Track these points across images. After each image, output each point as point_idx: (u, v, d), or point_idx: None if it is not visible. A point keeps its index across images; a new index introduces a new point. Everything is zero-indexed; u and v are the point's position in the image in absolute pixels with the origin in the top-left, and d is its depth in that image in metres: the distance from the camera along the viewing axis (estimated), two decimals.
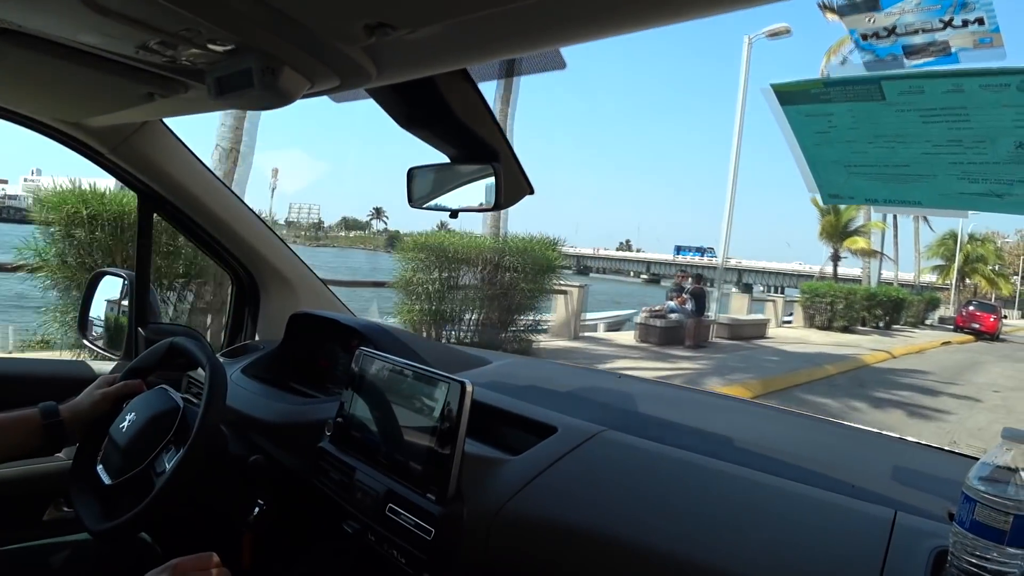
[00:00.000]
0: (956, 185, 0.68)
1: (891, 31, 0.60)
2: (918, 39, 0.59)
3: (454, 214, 1.35)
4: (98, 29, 0.85)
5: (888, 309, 23.55)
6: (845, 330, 19.94)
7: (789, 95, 0.74)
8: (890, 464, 1.18)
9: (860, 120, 0.70)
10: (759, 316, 17.34)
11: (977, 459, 0.72)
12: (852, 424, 1.49)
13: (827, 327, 19.76)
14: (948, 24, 0.57)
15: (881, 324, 23.26)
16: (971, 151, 0.65)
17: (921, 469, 1.18)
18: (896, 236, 37.48)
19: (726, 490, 0.99)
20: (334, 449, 1.22)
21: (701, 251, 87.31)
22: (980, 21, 0.55)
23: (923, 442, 1.35)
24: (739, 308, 17.49)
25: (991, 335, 25.92)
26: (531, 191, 1.31)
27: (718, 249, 16.87)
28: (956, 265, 42.13)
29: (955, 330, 26.62)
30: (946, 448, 1.31)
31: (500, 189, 1.23)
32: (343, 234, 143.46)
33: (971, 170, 0.66)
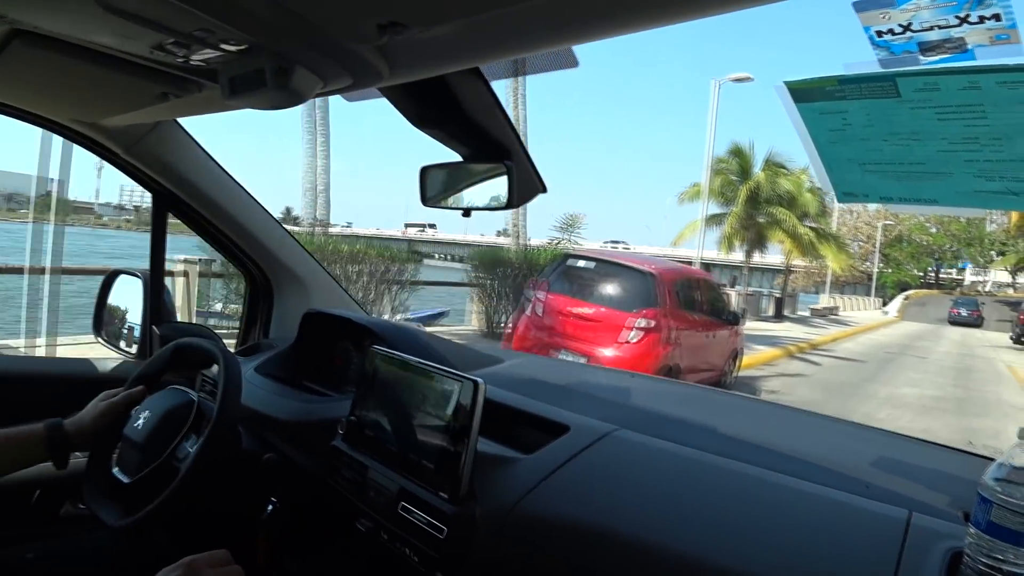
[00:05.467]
0: (972, 183, 0.68)
1: (906, 27, 0.60)
2: (934, 35, 0.59)
3: (467, 212, 1.35)
4: (113, 30, 0.86)
5: None
6: None
7: (803, 92, 0.74)
8: (904, 464, 1.18)
9: (875, 118, 0.70)
10: None
11: (993, 460, 0.72)
12: (865, 424, 1.48)
13: None
14: (964, 20, 0.56)
15: None
16: (988, 148, 0.64)
17: (936, 469, 1.17)
18: None
19: (739, 489, 0.98)
20: (347, 447, 1.23)
21: None
22: (997, 17, 0.55)
23: (938, 442, 1.34)
24: None
25: None
26: (544, 190, 1.31)
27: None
28: (718, 210, 21.70)
29: None
30: (961, 449, 1.30)
31: (513, 187, 1.23)
32: None
33: (988, 168, 0.65)
